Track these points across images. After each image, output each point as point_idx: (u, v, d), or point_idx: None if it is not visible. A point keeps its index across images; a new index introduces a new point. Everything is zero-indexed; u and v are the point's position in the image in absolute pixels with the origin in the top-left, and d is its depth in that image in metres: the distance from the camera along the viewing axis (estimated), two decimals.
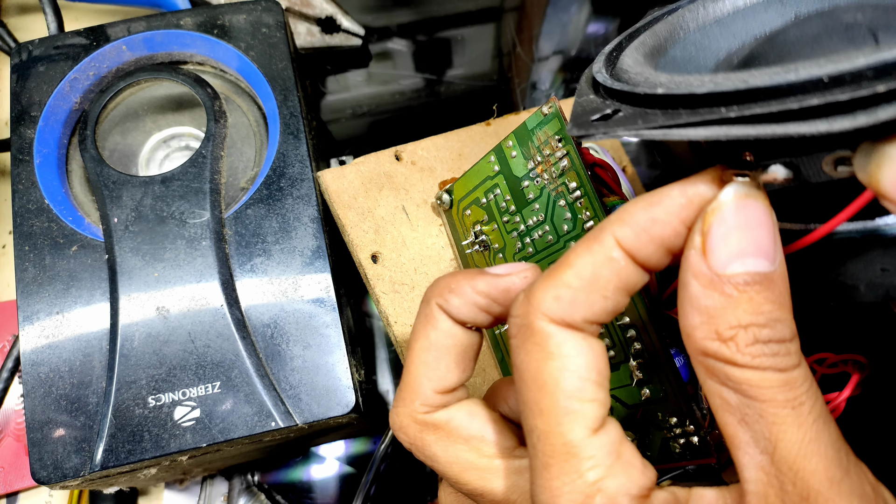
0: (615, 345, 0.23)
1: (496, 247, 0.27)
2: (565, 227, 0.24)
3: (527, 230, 0.26)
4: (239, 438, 0.25)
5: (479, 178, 0.27)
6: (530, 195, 0.25)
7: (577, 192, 0.24)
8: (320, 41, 0.40)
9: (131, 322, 0.26)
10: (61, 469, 0.25)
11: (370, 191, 0.29)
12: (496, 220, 0.27)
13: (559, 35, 0.44)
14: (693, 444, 0.21)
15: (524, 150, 0.25)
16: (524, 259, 0.26)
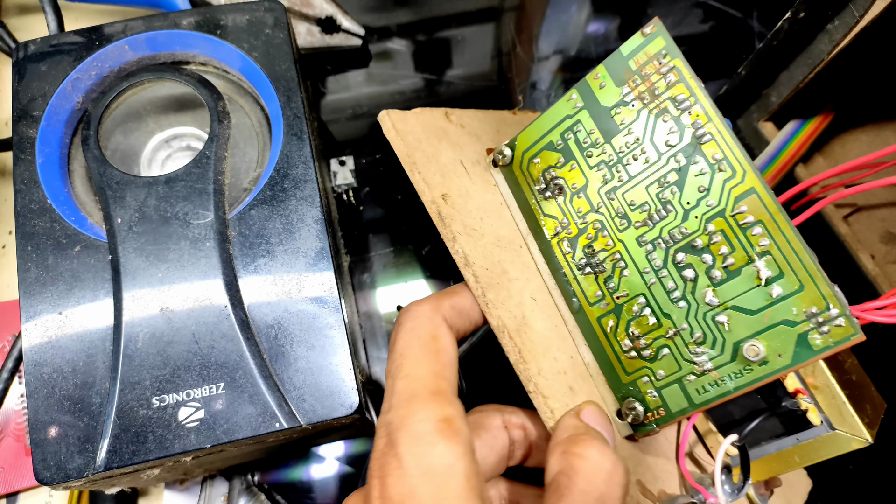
0: (734, 249, 0.23)
1: (575, 186, 0.26)
2: (669, 139, 0.24)
3: (617, 157, 0.25)
4: (243, 439, 0.25)
5: (552, 121, 0.27)
6: (624, 120, 0.25)
7: (685, 103, 0.24)
8: (320, 41, 0.40)
9: (135, 322, 0.26)
10: (64, 470, 0.25)
11: (430, 139, 0.28)
12: (576, 158, 0.26)
13: (559, 35, 0.44)
14: (839, 326, 0.21)
15: (615, 78, 0.25)
16: (611, 189, 0.26)
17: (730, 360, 0.23)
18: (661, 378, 0.24)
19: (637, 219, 0.25)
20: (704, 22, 0.44)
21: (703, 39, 0.43)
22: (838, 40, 0.30)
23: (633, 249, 0.25)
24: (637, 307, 0.25)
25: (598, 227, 0.26)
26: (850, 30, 0.29)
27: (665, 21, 0.44)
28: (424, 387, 0.21)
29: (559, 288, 0.27)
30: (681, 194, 0.24)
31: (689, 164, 0.24)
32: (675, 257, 0.24)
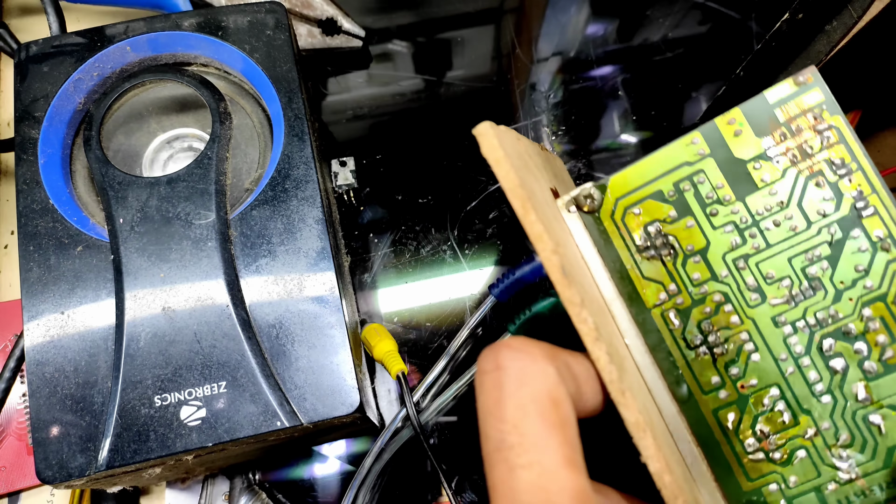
0: (895, 340, 0.20)
1: (691, 248, 0.22)
2: (822, 208, 0.21)
3: (753, 220, 0.21)
4: (244, 438, 0.25)
5: (664, 166, 0.22)
6: (764, 177, 0.21)
7: (844, 168, 0.21)
8: (321, 42, 0.40)
9: (137, 322, 0.26)
10: (66, 469, 0.25)
11: (525, 168, 0.22)
12: (695, 215, 0.22)
13: (558, 36, 0.44)
14: None
15: (756, 127, 0.21)
16: (741, 257, 0.21)
17: (882, 466, 0.20)
18: (794, 485, 0.21)
19: (775, 295, 0.21)
20: (703, 23, 0.44)
21: (702, 40, 0.44)
22: (837, 41, 0.30)
23: (766, 330, 0.21)
24: (769, 400, 0.21)
25: (721, 299, 0.21)
26: (849, 31, 0.29)
27: (663, 22, 0.44)
28: (562, 486, 0.16)
29: (658, 369, 0.22)
30: (833, 272, 0.21)
31: (846, 239, 0.21)
32: (821, 343, 0.21)
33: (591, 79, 0.43)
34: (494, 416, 0.17)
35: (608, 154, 0.41)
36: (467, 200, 0.39)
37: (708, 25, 0.44)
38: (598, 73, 0.43)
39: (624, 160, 0.40)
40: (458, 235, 0.38)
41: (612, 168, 0.40)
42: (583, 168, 0.40)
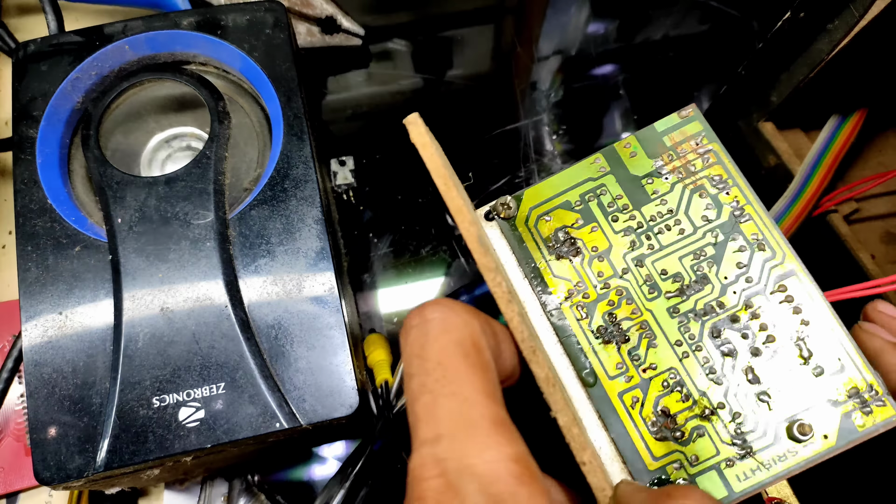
0: (775, 326, 0.23)
1: (595, 248, 0.25)
2: (706, 214, 0.24)
3: (647, 226, 0.25)
4: (243, 439, 0.25)
5: (570, 181, 0.26)
6: (656, 191, 0.25)
7: (723, 184, 0.24)
8: (320, 41, 0.40)
9: (135, 323, 0.26)
10: (64, 470, 0.25)
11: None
12: (598, 221, 0.25)
13: (559, 35, 0.44)
14: (881, 406, 0.21)
15: (648, 150, 0.25)
16: (639, 256, 0.24)
17: (772, 441, 0.22)
18: (696, 463, 0.22)
19: (669, 289, 0.24)
20: (704, 22, 0.44)
21: (703, 39, 0.43)
22: (838, 40, 0.30)
23: (663, 320, 0.23)
24: (668, 382, 0.23)
25: (622, 293, 0.24)
26: (851, 30, 0.29)
27: (664, 21, 0.44)
28: (482, 413, 0.16)
29: (568, 357, 0.24)
30: (718, 269, 0.24)
31: (728, 241, 0.24)
32: (712, 331, 0.23)
33: (592, 78, 0.42)
34: (420, 357, 0.18)
35: None
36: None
37: (709, 24, 0.44)
38: (599, 72, 0.43)
39: None
40: (458, 235, 0.38)
41: None
42: None
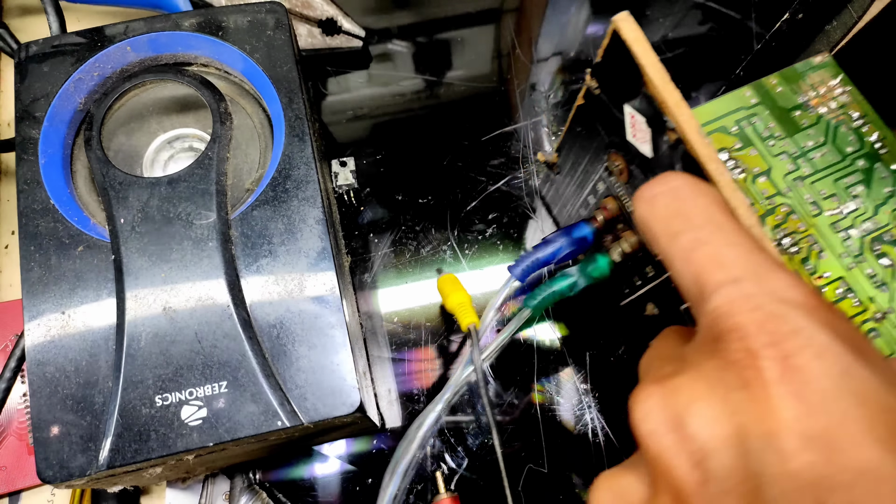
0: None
1: (756, 170, 0.27)
2: (849, 147, 0.27)
3: (801, 152, 0.28)
4: (245, 438, 0.25)
5: (724, 109, 0.28)
6: (803, 122, 0.28)
7: (860, 121, 0.28)
8: (321, 43, 0.40)
9: (138, 322, 0.26)
10: (67, 468, 0.25)
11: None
12: (756, 146, 0.28)
13: (558, 36, 0.44)
14: None
15: (792, 87, 0.28)
16: (798, 177, 0.27)
17: None
18: None
19: (829, 207, 0.27)
20: (703, 23, 0.44)
21: (702, 40, 0.44)
22: (837, 41, 0.30)
23: (827, 234, 0.26)
24: (841, 290, 0.26)
25: (788, 209, 0.27)
26: (849, 31, 0.30)
27: (663, 22, 0.44)
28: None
29: None
30: (868, 191, 0.26)
31: (873, 168, 0.26)
32: (871, 246, 0.26)
33: None
34: (683, 216, 0.18)
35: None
36: (467, 200, 0.39)
37: (708, 25, 0.44)
38: None
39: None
40: (458, 235, 0.38)
41: None
42: None
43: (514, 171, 0.40)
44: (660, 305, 0.28)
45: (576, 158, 0.31)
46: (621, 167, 0.26)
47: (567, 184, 0.33)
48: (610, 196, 0.28)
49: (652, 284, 0.28)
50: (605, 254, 0.29)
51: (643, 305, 0.30)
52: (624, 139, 0.24)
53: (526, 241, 0.38)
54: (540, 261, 0.31)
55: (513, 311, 0.34)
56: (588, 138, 0.28)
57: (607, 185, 0.28)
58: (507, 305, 0.35)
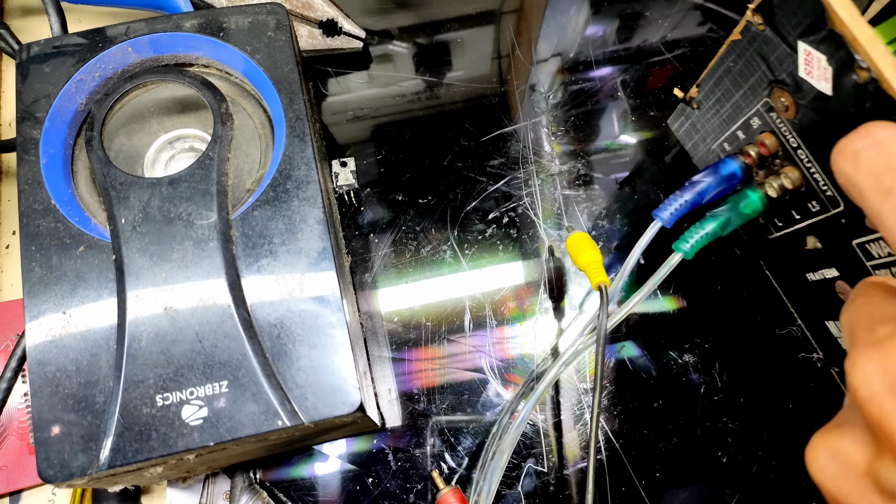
0: None
1: None
2: None
3: None
4: (246, 437, 0.25)
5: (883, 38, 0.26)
6: None
7: None
8: (321, 44, 0.40)
9: (139, 322, 0.26)
10: (68, 468, 0.25)
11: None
12: None
13: (558, 37, 0.44)
14: None
15: None
16: None
17: None
18: None
19: None
20: (702, 24, 0.44)
21: (702, 42, 0.44)
22: None
23: None
24: None
25: None
26: None
27: (662, 23, 0.44)
28: None
29: None
30: None
31: None
32: None
33: (591, 80, 0.43)
34: (892, 171, 0.17)
35: (608, 154, 0.41)
36: (467, 200, 0.39)
37: (707, 26, 0.44)
38: (598, 74, 0.43)
39: (623, 161, 0.40)
40: (458, 235, 0.38)
41: (612, 169, 0.40)
42: (582, 168, 0.40)
43: (514, 172, 0.40)
44: (824, 240, 0.28)
45: (723, 93, 0.31)
46: (787, 104, 0.26)
47: (708, 118, 0.33)
48: (768, 132, 0.28)
49: (817, 219, 0.28)
50: (757, 188, 0.29)
51: (802, 239, 0.30)
52: (794, 76, 0.24)
53: (524, 246, 0.38)
54: (689, 202, 0.30)
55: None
56: (742, 74, 0.28)
57: (765, 121, 0.28)
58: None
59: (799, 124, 0.26)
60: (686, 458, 0.34)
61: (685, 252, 0.29)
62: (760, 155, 0.29)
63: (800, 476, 0.34)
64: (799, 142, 0.27)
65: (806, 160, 0.27)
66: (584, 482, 0.33)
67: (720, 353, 0.36)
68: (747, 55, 0.28)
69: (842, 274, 0.29)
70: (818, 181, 0.27)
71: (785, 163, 0.28)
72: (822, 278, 0.30)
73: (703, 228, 0.29)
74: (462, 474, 0.34)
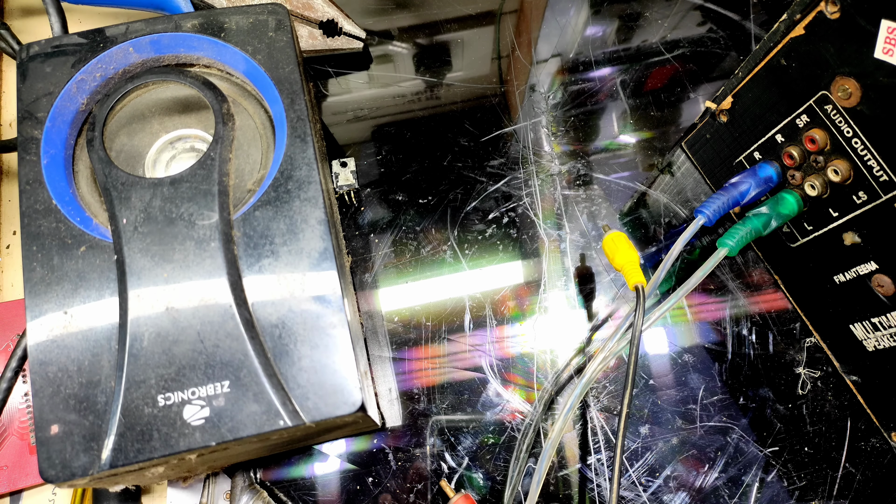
0: None
1: None
2: None
3: None
4: (248, 437, 0.25)
5: None
6: None
7: None
8: (322, 44, 0.40)
9: (140, 322, 0.26)
10: (69, 468, 0.25)
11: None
12: None
13: (557, 38, 0.44)
14: None
15: None
16: None
17: None
18: None
19: None
20: (702, 24, 0.44)
21: (701, 42, 0.44)
22: None
23: None
24: None
25: None
26: None
27: (662, 23, 0.44)
28: None
29: None
30: None
31: None
32: None
33: (591, 80, 0.43)
34: None
35: (607, 154, 0.41)
36: (467, 201, 0.39)
37: (707, 26, 0.44)
38: (597, 75, 0.43)
39: (623, 160, 0.41)
40: (458, 235, 0.38)
41: (612, 169, 0.40)
42: (582, 168, 0.40)
43: (514, 172, 0.40)
44: (865, 233, 0.29)
45: (768, 97, 0.31)
46: (851, 90, 0.27)
47: (740, 130, 0.34)
48: (817, 128, 0.29)
49: (861, 210, 0.29)
50: (793, 190, 0.30)
51: (836, 238, 0.31)
52: (864, 61, 0.25)
53: (524, 246, 0.38)
54: (729, 202, 0.31)
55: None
56: (797, 71, 0.29)
57: (815, 117, 0.29)
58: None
59: (860, 112, 0.27)
60: (684, 459, 0.34)
61: (731, 248, 0.31)
62: (804, 153, 0.30)
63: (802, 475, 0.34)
64: (855, 130, 0.28)
65: (861, 148, 0.28)
66: (584, 483, 0.34)
67: (721, 356, 0.36)
68: (807, 50, 0.28)
69: (881, 266, 0.29)
70: (872, 168, 0.27)
71: (832, 157, 0.29)
72: (854, 276, 0.31)
73: (746, 226, 0.31)
74: (463, 474, 0.34)
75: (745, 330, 0.37)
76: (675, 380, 0.36)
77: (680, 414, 0.35)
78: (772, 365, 0.36)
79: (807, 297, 0.36)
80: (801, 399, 0.35)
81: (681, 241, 0.31)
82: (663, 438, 0.34)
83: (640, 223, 0.39)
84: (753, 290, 0.38)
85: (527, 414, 0.35)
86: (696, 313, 0.37)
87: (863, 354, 0.33)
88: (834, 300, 0.33)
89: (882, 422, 0.34)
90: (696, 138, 0.38)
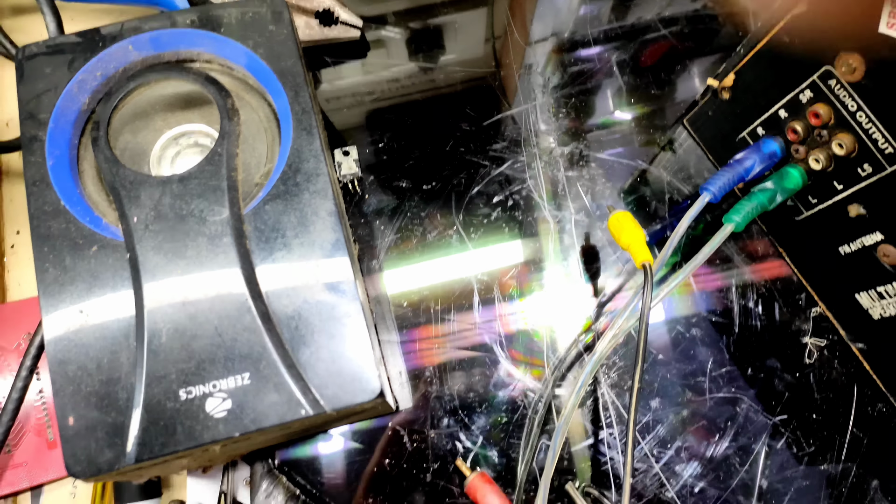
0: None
1: None
2: None
3: None
4: (270, 427, 0.26)
5: None
6: None
7: None
8: (319, 34, 0.40)
9: (158, 319, 0.27)
10: (95, 464, 0.26)
11: None
12: None
13: (552, 17, 0.44)
14: None
15: None
16: None
17: None
18: None
19: None
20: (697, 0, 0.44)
21: (699, 19, 0.44)
22: None
23: None
24: None
25: None
26: None
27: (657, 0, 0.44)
28: None
29: None
30: None
31: None
32: None
33: (588, 59, 0.43)
34: None
35: (607, 133, 0.41)
36: (471, 185, 0.39)
37: (701, 2, 0.44)
38: (594, 53, 0.43)
39: (623, 138, 0.41)
40: (463, 220, 0.39)
41: (612, 146, 0.41)
42: (583, 148, 0.40)
43: (517, 154, 0.40)
44: (870, 205, 0.30)
45: (770, 74, 0.32)
46: (855, 65, 0.27)
47: (742, 106, 0.35)
48: (820, 102, 0.29)
49: (866, 183, 0.29)
50: (797, 165, 0.31)
51: (841, 210, 0.31)
52: (867, 36, 0.26)
53: (529, 228, 0.39)
54: (734, 178, 0.32)
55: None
56: (801, 47, 0.29)
57: (818, 92, 0.29)
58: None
59: (865, 86, 0.27)
60: (695, 430, 0.35)
61: (737, 223, 0.31)
62: (808, 128, 0.30)
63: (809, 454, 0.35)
64: (860, 104, 0.28)
65: (865, 122, 0.28)
66: (598, 456, 0.34)
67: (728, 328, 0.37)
68: (810, 26, 0.29)
69: (887, 237, 0.30)
70: (877, 141, 0.28)
71: (836, 131, 0.29)
72: (860, 247, 0.31)
73: (752, 202, 0.31)
74: (478, 453, 0.35)
75: (752, 302, 0.37)
76: (684, 353, 0.36)
77: (689, 386, 0.36)
78: (778, 335, 0.37)
79: (812, 269, 0.36)
80: (808, 368, 0.36)
81: (686, 219, 0.31)
82: (673, 411, 0.35)
83: (643, 201, 0.40)
84: (758, 261, 0.38)
85: (538, 391, 0.36)
86: (702, 287, 0.38)
87: (868, 323, 0.34)
88: (839, 271, 0.34)
89: (888, 387, 0.35)
90: (698, 115, 0.38)
